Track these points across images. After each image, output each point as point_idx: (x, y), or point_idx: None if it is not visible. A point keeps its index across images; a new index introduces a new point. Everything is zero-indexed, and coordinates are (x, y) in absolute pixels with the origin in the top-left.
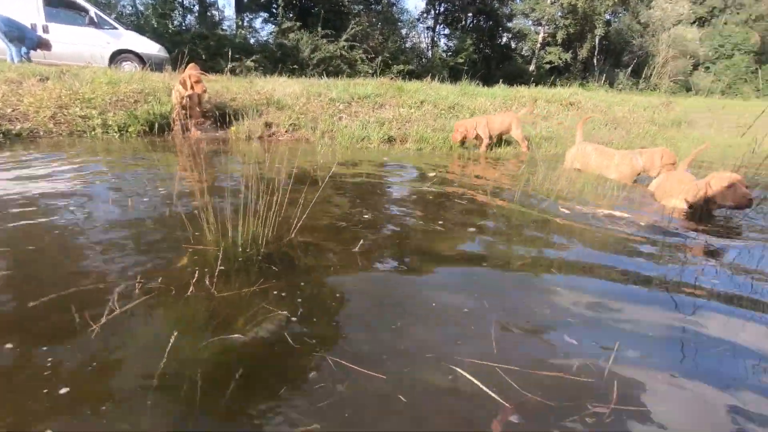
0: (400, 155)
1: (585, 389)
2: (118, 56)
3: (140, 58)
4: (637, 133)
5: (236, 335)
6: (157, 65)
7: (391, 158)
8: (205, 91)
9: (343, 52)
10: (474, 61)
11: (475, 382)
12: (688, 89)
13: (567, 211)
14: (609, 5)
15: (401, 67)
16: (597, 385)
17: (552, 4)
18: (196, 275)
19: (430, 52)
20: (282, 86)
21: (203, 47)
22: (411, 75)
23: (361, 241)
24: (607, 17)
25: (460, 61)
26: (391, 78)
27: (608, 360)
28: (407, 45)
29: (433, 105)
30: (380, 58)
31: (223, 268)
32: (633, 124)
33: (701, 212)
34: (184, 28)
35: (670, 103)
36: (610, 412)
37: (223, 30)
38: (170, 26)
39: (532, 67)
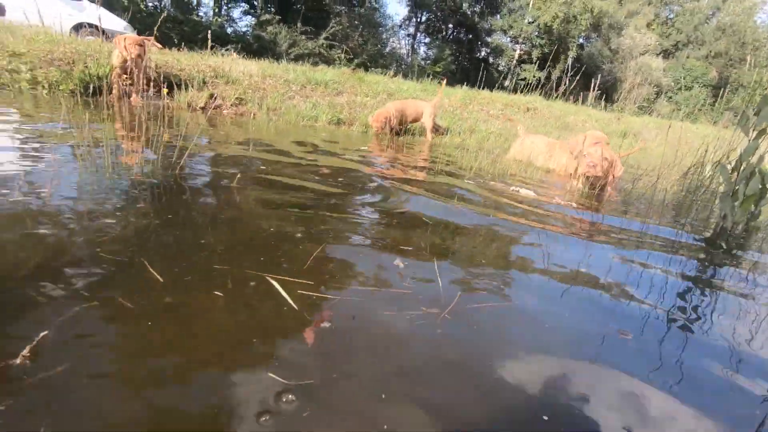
0: (341, 136)
1: (415, 299)
2: (79, 29)
3: (104, 34)
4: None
5: None
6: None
7: (332, 135)
8: (139, 56)
9: (322, 50)
10: (452, 71)
11: (282, 292)
12: (650, 115)
13: (471, 182)
14: (582, 29)
15: (380, 70)
16: (430, 297)
17: (529, 23)
18: None
19: (409, 59)
20: (236, 63)
21: (176, 31)
22: None
23: (239, 175)
24: (581, 41)
25: (438, 70)
26: (353, 69)
27: (437, 276)
28: (387, 50)
29: (389, 95)
30: (359, 59)
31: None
32: (583, 131)
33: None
34: (158, 10)
35: (621, 118)
36: (445, 313)
37: (198, 16)
38: (142, 6)
39: (507, 83)
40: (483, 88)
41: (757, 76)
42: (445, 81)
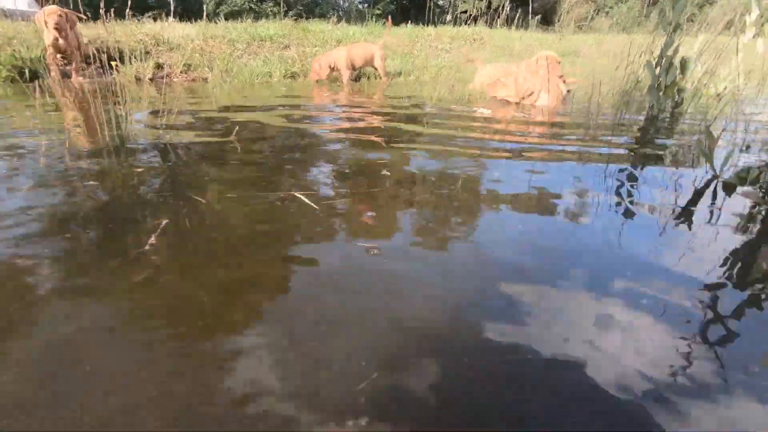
0: (300, 88)
1: (425, 189)
2: None
3: (6, 16)
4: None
5: None
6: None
7: (290, 88)
8: (59, 25)
9: (252, 5)
10: (392, 12)
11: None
12: (590, 33)
13: (431, 108)
14: None
15: (317, 20)
16: (432, 183)
17: None
18: None
19: (346, 4)
20: (172, 28)
21: (86, 3)
22: None
23: (236, 128)
24: None
25: (378, 12)
26: (296, 20)
27: (423, 171)
28: None
29: (338, 41)
30: (294, 10)
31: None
32: (529, 55)
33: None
34: None
35: (562, 38)
36: (456, 191)
37: None
38: None
39: (449, 17)
40: (427, 25)
41: None
42: (389, 23)
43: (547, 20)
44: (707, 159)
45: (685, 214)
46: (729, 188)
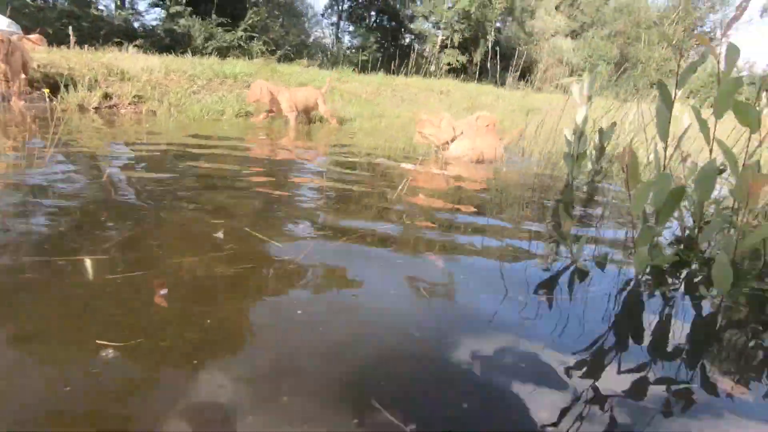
0: (242, 126)
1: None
2: None
3: None
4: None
5: None
6: None
7: (231, 126)
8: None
9: (241, 43)
10: (377, 59)
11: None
12: (564, 93)
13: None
14: (497, 14)
15: (304, 61)
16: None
17: (449, 9)
18: None
19: (334, 48)
20: (133, 59)
21: (74, 28)
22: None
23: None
24: (498, 25)
25: (364, 58)
26: (264, 58)
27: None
28: (311, 40)
29: (300, 84)
30: (282, 51)
31: None
32: (493, 110)
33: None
34: (50, 4)
35: (527, 95)
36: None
37: (98, 10)
38: (30, 0)
39: (433, 68)
40: (408, 75)
41: (649, 52)
42: (330, 79)
43: (525, 79)
44: (562, 241)
45: (536, 304)
46: (583, 275)
